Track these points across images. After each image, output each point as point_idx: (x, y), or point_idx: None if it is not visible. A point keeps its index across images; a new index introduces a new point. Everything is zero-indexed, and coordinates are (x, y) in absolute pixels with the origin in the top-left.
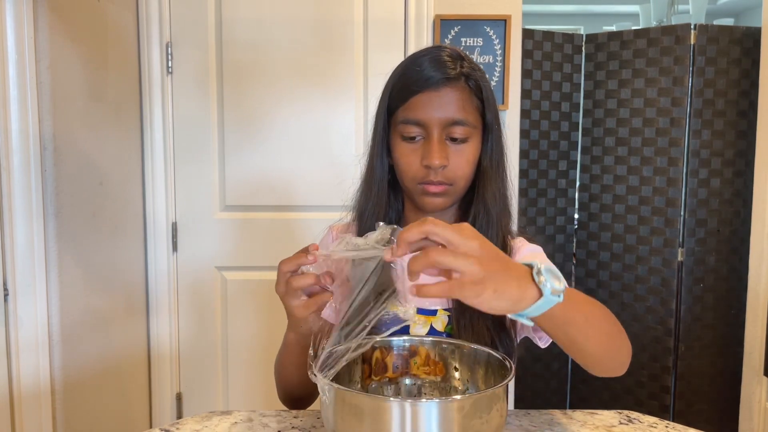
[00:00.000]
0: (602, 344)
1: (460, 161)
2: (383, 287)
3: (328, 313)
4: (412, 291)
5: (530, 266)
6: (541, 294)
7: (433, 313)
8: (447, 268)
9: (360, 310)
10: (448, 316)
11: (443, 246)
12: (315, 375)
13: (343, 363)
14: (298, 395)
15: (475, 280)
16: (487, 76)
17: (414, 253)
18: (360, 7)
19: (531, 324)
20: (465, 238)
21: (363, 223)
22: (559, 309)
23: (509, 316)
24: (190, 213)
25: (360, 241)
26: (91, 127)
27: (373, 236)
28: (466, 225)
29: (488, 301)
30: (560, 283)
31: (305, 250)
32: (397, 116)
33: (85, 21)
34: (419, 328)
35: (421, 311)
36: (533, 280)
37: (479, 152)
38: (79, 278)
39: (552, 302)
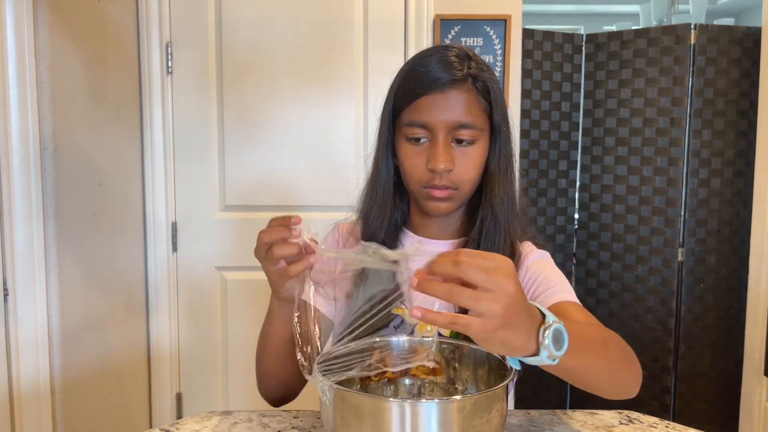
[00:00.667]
0: (608, 376)
1: (466, 165)
2: (389, 293)
3: (327, 309)
4: (414, 314)
5: (543, 317)
6: (538, 350)
7: None
8: (467, 307)
9: (363, 315)
10: None
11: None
12: (315, 374)
13: (350, 375)
14: (278, 381)
15: (490, 326)
16: (496, 76)
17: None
18: (360, 7)
19: (519, 368)
20: (499, 280)
21: (368, 225)
22: (562, 361)
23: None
24: (190, 213)
25: (387, 252)
26: (91, 127)
27: (400, 250)
28: (504, 261)
29: (490, 347)
30: (560, 350)
31: (285, 221)
32: (402, 118)
33: (85, 21)
34: (424, 331)
35: None
36: (537, 335)
37: (486, 155)
38: (79, 278)
39: (544, 363)
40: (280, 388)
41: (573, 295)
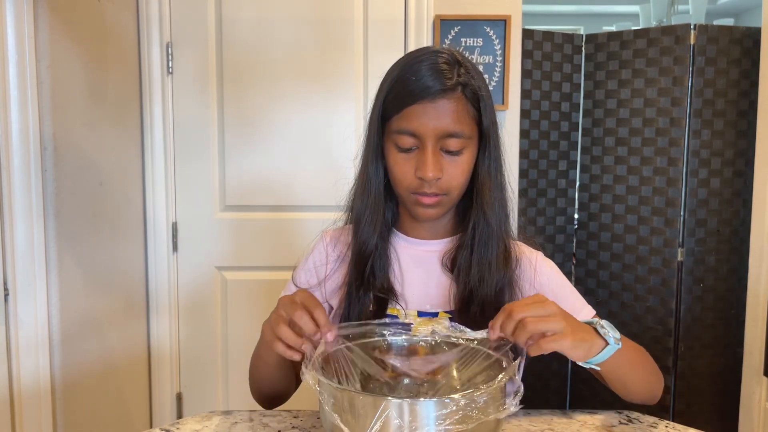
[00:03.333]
0: (643, 381)
1: (455, 172)
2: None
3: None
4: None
5: (591, 323)
6: (606, 343)
7: (435, 315)
8: (542, 332)
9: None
10: (450, 318)
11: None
12: (314, 374)
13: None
14: (269, 392)
15: (568, 333)
16: (485, 78)
17: None
18: (360, 7)
19: (598, 369)
20: (547, 307)
21: (360, 230)
22: (614, 357)
23: (580, 363)
24: (190, 213)
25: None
26: (91, 127)
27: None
28: (538, 296)
29: (578, 349)
30: (617, 333)
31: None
32: (391, 124)
33: (85, 21)
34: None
35: (422, 314)
36: (597, 333)
37: (474, 161)
38: (79, 278)
39: (615, 348)
40: (274, 396)
41: (591, 310)
